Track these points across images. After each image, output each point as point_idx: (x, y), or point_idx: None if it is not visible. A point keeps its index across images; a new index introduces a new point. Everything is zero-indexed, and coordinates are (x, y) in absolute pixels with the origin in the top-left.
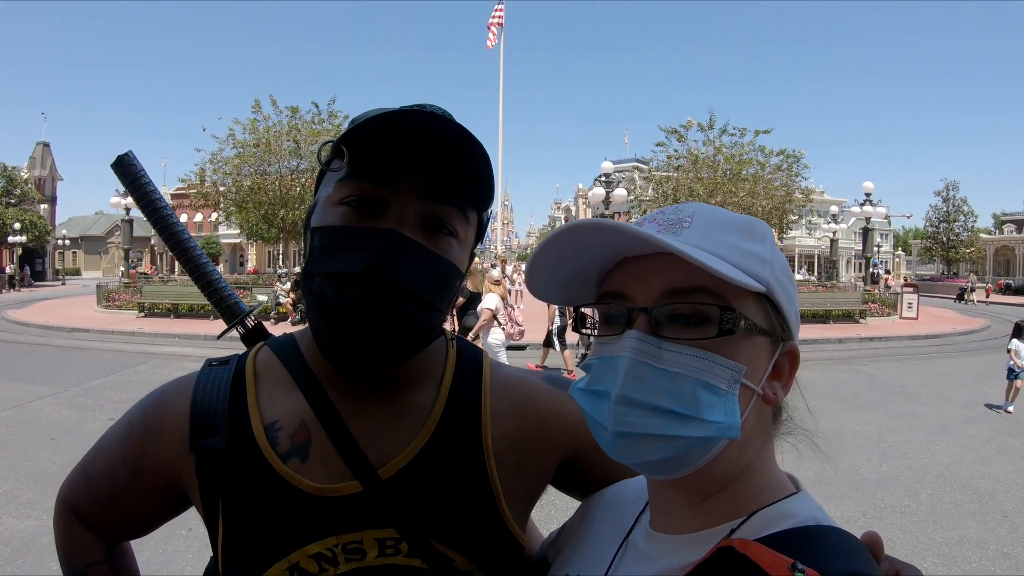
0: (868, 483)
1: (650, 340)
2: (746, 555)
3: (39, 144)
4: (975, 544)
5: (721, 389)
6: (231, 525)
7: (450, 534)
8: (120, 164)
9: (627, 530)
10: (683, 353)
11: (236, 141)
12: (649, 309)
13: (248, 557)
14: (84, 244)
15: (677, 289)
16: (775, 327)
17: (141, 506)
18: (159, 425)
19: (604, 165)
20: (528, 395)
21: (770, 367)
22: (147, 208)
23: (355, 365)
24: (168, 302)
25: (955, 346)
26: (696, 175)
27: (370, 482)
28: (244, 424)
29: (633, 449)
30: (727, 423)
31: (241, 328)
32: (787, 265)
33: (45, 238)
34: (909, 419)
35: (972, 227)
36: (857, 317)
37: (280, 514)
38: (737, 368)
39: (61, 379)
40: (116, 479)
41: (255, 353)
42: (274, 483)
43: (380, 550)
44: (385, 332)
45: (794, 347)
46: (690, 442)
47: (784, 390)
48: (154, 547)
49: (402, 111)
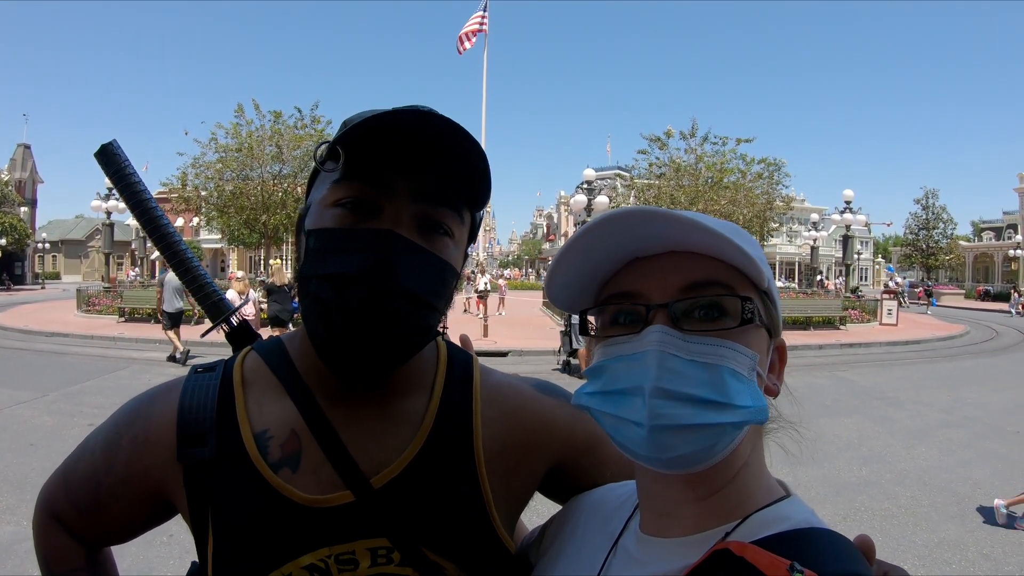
0: (848, 487)
1: (674, 333)
2: (743, 557)
3: (20, 146)
4: (955, 546)
5: (744, 376)
6: (222, 535)
7: (442, 543)
8: (104, 153)
9: (615, 535)
10: (708, 344)
11: (218, 145)
12: (668, 304)
13: (241, 569)
14: (64, 248)
15: (695, 283)
16: (772, 322)
17: (124, 513)
18: (145, 433)
19: (586, 172)
20: (518, 402)
21: (768, 360)
22: (131, 200)
23: (355, 367)
24: (149, 307)
25: (934, 352)
26: (678, 183)
27: (362, 492)
28: (233, 432)
29: (669, 442)
30: (756, 406)
31: (226, 326)
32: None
33: (25, 242)
34: (889, 424)
35: (951, 234)
36: (837, 323)
37: (272, 525)
38: (753, 356)
39: (40, 384)
40: (100, 486)
41: (242, 359)
42: (265, 493)
43: (372, 560)
44: (386, 333)
45: (782, 343)
46: (724, 429)
47: (779, 384)
48: (135, 553)
49: (397, 111)
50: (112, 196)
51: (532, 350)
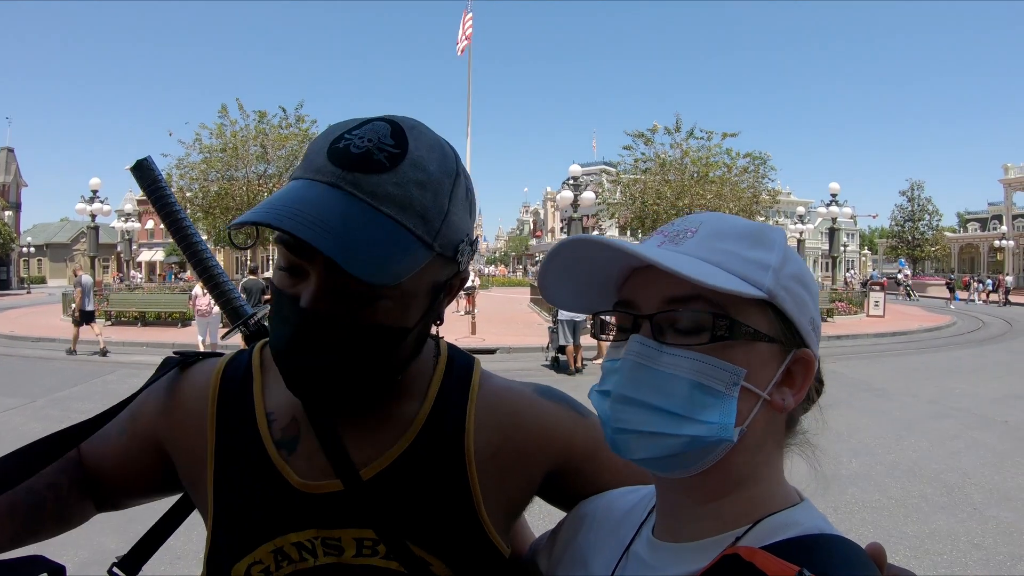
0: (838, 479)
1: (651, 344)
2: (752, 563)
3: (3, 149)
4: (945, 537)
5: (719, 391)
6: (222, 497)
7: (427, 538)
8: (139, 168)
9: (627, 541)
10: (681, 356)
11: (203, 146)
12: (651, 316)
13: (239, 533)
14: (49, 251)
15: (675, 297)
16: (782, 334)
17: (133, 468)
18: (183, 395)
19: (572, 168)
20: (515, 406)
21: (779, 373)
22: (163, 212)
23: (317, 410)
24: (135, 310)
25: (921, 343)
26: (663, 178)
27: (351, 482)
28: (250, 404)
29: (630, 445)
30: (721, 423)
31: (244, 329)
32: (802, 273)
33: (9, 246)
34: (878, 415)
35: (937, 226)
36: (825, 315)
37: (269, 500)
38: (735, 371)
39: (27, 390)
40: (124, 432)
41: (261, 345)
42: (266, 469)
43: (358, 549)
44: (322, 392)
45: (807, 354)
46: (685, 440)
47: (796, 398)
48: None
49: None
50: (97, 199)
51: (521, 347)
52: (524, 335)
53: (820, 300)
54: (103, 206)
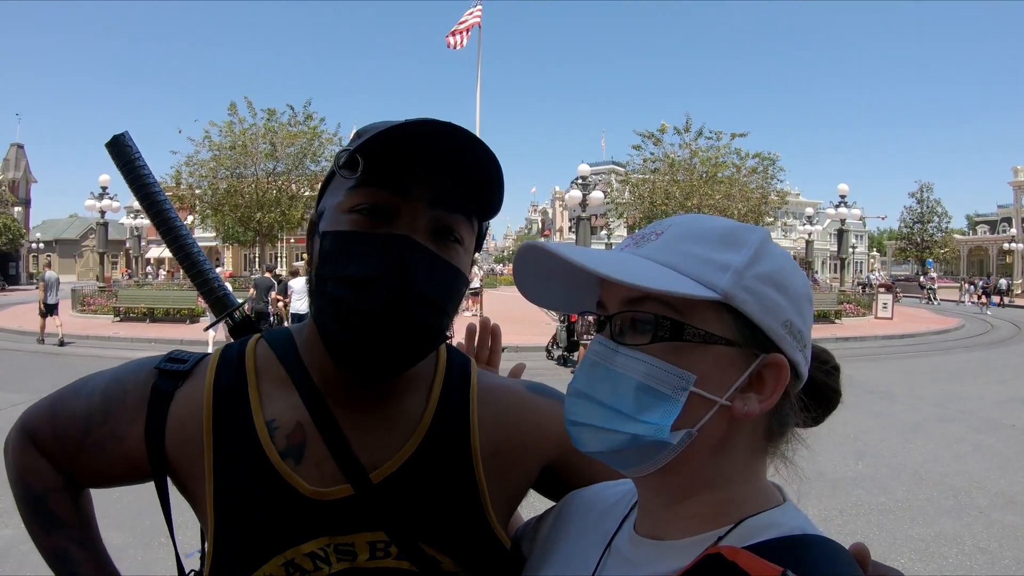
0: (844, 481)
1: (608, 344)
2: (735, 562)
3: (13, 146)
4: (951, 540)
5: (665, 394)
6: (224, 516)
7: (438, 537)
8: (115, 144)
9: (609, 535)
10: (632, 357)
11: (212, 144)
12: (610, 317)
13: (243, 551)
14: (59, 247)
15: (630, 299)
16: (742, 337)
17: (105, 465)
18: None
19: (581, 168)
20: (511, 403)
21: (742, 378)
22: (139, 192)
23: (368, 367)
24: (144, 306)
25: (929, 345)
26: (672, 178)
27: (361, 486)
28: (247, 416)
29: (582, 438)
30: (659, 424)
31: (230, 320)
32: (777, 273)
33: (19, 241)
34: (884, 418)
35: (946, 228)
36: (833, 317)
37: (277, 511)
38: (683, 375)
39: (35, 385)
40: (89, 432)
41: (253, 345)
42: (272, 480)
43: (371, 552)
44: (401, 335)
45: (778, 359)
46: (628, 438)
47: (764, 404)
48: (133, 555)
49: (417, 121)
50: (106, 195)
51: (528, 346)
52: (532, 334)
53: (828, 302)
54: (112, 203)
